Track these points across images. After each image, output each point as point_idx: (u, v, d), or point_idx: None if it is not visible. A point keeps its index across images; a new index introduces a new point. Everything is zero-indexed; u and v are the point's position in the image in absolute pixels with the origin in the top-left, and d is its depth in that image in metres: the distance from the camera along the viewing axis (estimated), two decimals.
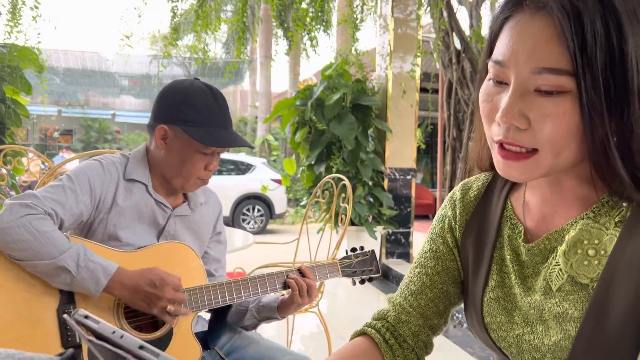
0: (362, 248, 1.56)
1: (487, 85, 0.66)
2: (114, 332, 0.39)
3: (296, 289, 1.39)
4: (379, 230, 5.37)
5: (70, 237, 1.25)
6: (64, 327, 1.20)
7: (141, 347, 0.37)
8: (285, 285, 1.40)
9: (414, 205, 5.76)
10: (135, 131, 21.00)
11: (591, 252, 0.66)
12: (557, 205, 0.71)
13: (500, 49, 0.63)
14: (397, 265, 5.36)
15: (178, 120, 1.32)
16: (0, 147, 2.84)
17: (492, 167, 0.69)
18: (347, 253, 1.54)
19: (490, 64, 0.65)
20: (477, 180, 0.85)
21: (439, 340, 3.66)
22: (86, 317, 0.43)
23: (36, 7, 4.46)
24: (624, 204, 0.66)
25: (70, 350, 0.42)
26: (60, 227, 1.25)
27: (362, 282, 1.54)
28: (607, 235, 0.65)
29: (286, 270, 1.41)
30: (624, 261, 0.63)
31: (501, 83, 0.64)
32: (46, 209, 1.20)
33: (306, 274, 1.43)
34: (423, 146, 6.44)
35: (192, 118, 1.32)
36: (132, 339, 0.38)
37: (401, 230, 5.66)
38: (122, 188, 1.34)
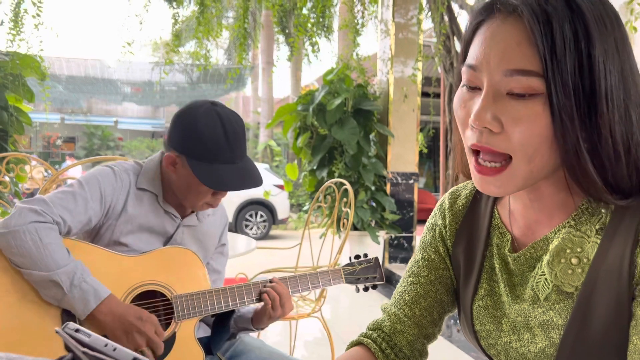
0: (365, 255, 1.56)
1: (460, 91, 0.67)
2: (106, 345, 0.39)
3: (269, 303, 1.35)
4: (382, 234, 5.36)
5: (75, 242, 1.24)
6: None
7: (135, 359, 0.37)
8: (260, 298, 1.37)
9: (417, 210, 5.75)
10: (137, 138, 21.06)
11: (574, 260, 0.66)
12: (539, 213, 0.72)
13: (473, 54, 0.64)
14: (400, 269, 5.34)
15: (185, 152, 1.31)
16: (3, 155, 2.85)
17: None
18: (350, 260, 1.53)
19: (463, 69, 0.66)
20: (465, 188, 0.86)
21: (442, 345, 3.65)
22: (77, 330, 0.42)
23: (38, 15, 4.48)
24: (603, 210, 0.66)
25: (69, 355, 0.41)
26: (68, 233, 1.25)
27: (366, 289, 1.53)
28: (589, 242, 0.66)
29: (262, 281, 1.39)
30: (604, 268, 0.63)
31: (474, 89, 0.65)
32: (54, 217, 1.21)
33: (280, 285, 1.38)
34: (425, 150, 6.43)
35: (198, 152, 1.29)
36: (124, 351, 0.38)
37: (404, 234, 5.65)
38: (132, 196, 1.34)
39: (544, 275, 0.69)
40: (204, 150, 1.29)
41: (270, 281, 1.39)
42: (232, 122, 1.33)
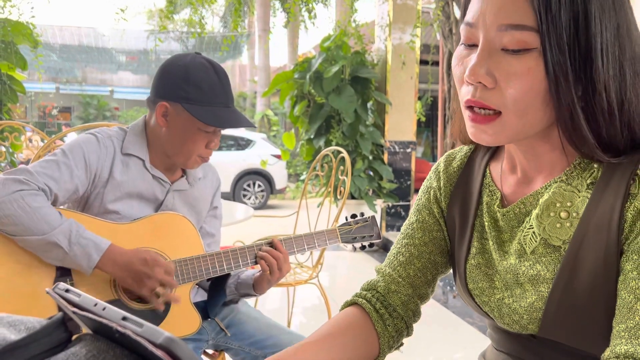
0: (362, 214, 1.56)
1: (458, 49, 0.68)
2: (95, 305, 0.38)
3: (266, 269, 1.35)
4: (379, 203, 5.38)
5: (64, 211, 1.24)
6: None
7: (124, 319, 0.36)
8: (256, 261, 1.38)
9: (414, 179, 5.76)
10: (133, 107, 20.89)
11: (563, 214, 0.67)
12: (533, 172, 0.73)
13: (471, 12, 0.65)
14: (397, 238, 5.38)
15: (179, 98, 1.30)
16: None
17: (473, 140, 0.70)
18: (346, 219, 1.53)
19: (462, 27, 0.67)
20: (460, 151, 0.87)
21: (439, 310, 3.71)
22: (67, 290, 0.42)
23: None
24: (595, 166, 0.67)
25: (60, 314, 0.41)
26: (55, 203, 1.24)
27: (363, 247, 1.54)
28: (579, 197, 0.67)
29: (257, 245, 1.39)
30: (594, 222, 0.64)
31: (472, 46, 0.65)
32: (39, 184, 1.19)
33: (277, 247, 1.39)
34: (423, 119, 6.40)
35: (194, 96, 1.29)
36: (114, 310, 0.37)
37: (401, 203, 5.67)
38: (118, 162, 1.33)
39: (532, 228, 0.70)
40: (200, 93, 1.30)
41: (268, 244, 1.39)
42: (221, 69, 1.36)
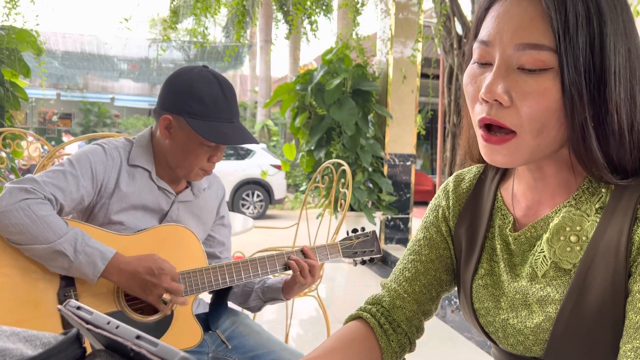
0: (363, 229, 1.57)
1: (471, 68, 0.68)
2: (108, 323, 0.38)
3: (297, 270, 1.38)
4: (378, 216, 5.38)
5: (69, 221, 1.25)
6: None
7: (138, 337, 0.36)
8: (286, 267, 1.41)
9: (414, 192, 5.76)
10: (134, 115, 20.93)
11: (573, 238, 0.68)
12: (542, 193, 0.74)
13: (486, 30, 0.66)
14: (396, 250, 5.37)
15: (183, 112, 1.30)
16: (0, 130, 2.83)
17: (481, 158, 0.71)
18: (348, 234, 1.54)
19: (475, 46, 0.67)
20: (470, 172, 0.87)
21: (437, 325, 3.69)
22: (78, 307, 0.42)
23: None
24: (603, 190, 0.68)
25: (75, 329, 0.42)
26: (60, 212, 1.25)
27: (363, 262, 1.55)
28: (588, 221, 0.67)
29: (287, 252, 1.42)
30: (602, 245, 0.65)
31: (485, 64, 0.66)
32: (46, 193, 1.20)
33: (308, 255, 1.43)
34: (423, 132, 6.42)
35: (197, 110, 1.30)
36: (128, 329, 0.37)
37: (400, 216, 5.67)
38: (125, 173, 1.34)
39: (543, 252, 0.70)
40: (203, 108, 1.30)
41: (300, 251, 1.44)
42: (227, 83, 1.36)
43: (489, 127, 0.66)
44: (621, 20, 0.63)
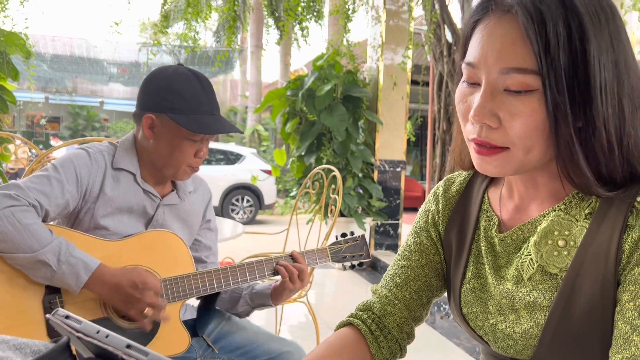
0: (352, 233, 1.56)
1: (461, 86, 0.69)
2: (98, 332, 0.38)
3: (286, 276, 1.38)
4: (368, 221, 5.39)
5: (54, 227, 1.23)
6: None
7: (129, 346, 0.36)
8: (275, 272, 1.40)
9: (403, 198, 5.78)
10: (123, 119, 20.81)
11: (561, 242, 0.68)
12: (532, 199, 0.74)
13: (472, 52, 0.66)
14: (385, 256, 5.38)
15: (164, 108, 1.30)
16: None
17: (472, 165, 0.71)
18: (337, 238, 1.54)
19: (463, 66, 0.68)
20: (460, 175, 0.88)
21: (426, 331, 3.69)
22: (67, 317, 0.42)
23: None
24: (593, 196, 0.68)
25: (66, 337, 0.41)
26: (45, 218, 1.23)
27: (352, 267, 1.55)
28: (577, 226, 0.68)
29: (275, 257, 1.41)
30: (592, 252, 0.65)
31: (474, 84, 0.67)
32: (30, 200, 1.18)
33: (297, 259, 1.42)
34: (413, 139, 6.45)
35: (179, 105, 1.30)
36: (118, 338, 0.37)
37: (390, 222, 5.68)
38: (109, 177, 1.32)
39: (530, 255, 0.71)
40: (184, 103, 1.31)
41: (290, 255, 1.43)
42: (204, 78, 1.37)
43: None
44: (607, 32, 0.62)
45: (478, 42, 0.66)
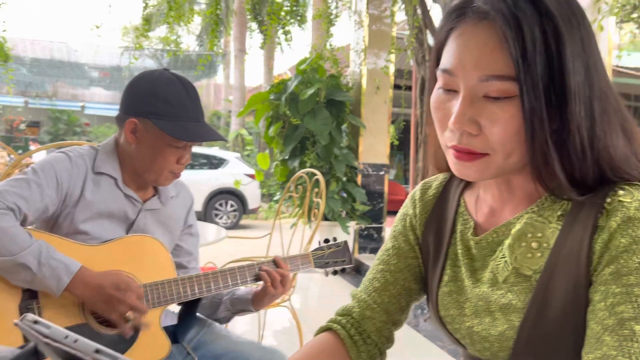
0: (335, 239, 1.56)
1: (437, 93, 0.69)
2: (66, 337, 0.38)
3: (268, 281, 1.37)
4: (352, 225, 5.39)
5: (33, 231, 1.21)
6: None
7: (97, 351, 0.35)
8: (257, 278, 1.39)
9: (387, 201, 5.81)
10: (105, 124, 20.59)
11: (534, 244, 0.68)
12: (507, 202, 0.75)
13: (448, 58, 0.66)
14: (369, 260, 5.39)
15: (148, 113, 1.29)
16: None
17: (448, 167, 0.72)
18: (320, 244, 1.54)
19: (439, 73, 0.68)
20: (436, 179, 0.88)
21: (410, 334, 3.69)
22: (35, 322, 0.41)
23: None
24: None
25: (32, 344, 0.40)
26: (24, 222, 1.21)
27: (335, 272, 1.54)
28: (550, 228, 0.68)
29: (258, 263, 1.40)
30: (564, 253, 0.66)
31: (450, 91, 0.67)
32: (8, 203, 1.16)
33: (279, 264, 1.42)
34: (396, 142, 6.50)
35: (163, 111, 1.28)
36: (86, 343, 0.36)
37: (374, 225, 5.70)
38: (90, 181, 1.31)
39: (504, 258, 0.71)
40: (169, 108, 1.29)
41: (272, 261, 1.42)
42: (190, 83, 1.35)
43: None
44: (579, 37, 0.63)
45: (454, 48, 0.65)
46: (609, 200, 0.64)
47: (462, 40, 0.64)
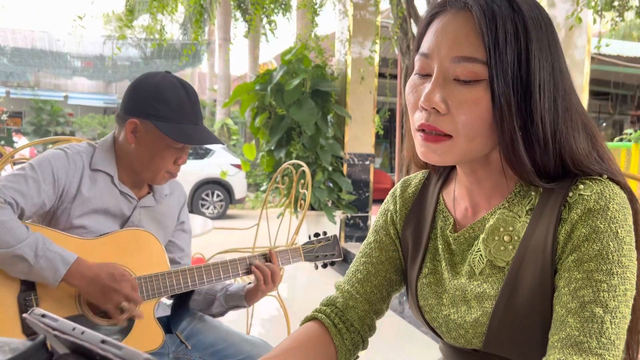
0: (325, 233, 1.60)
1: (412, 78, 0.75)
2: (74, 329, 0.40)
3: (261, 278, 1.42)
4: (338, 214, 5.45)
5: (30, 225, 1.24)
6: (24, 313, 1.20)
7: (103, 342, 0.38)
8: (248, 271, 1.43)
9: (373, 190, 5.87)
10: (88, 114, 20.33)
11: (506, 238, 0.74)
12: (479, 197, 0.80)
13: (426, 43, 0.72)
14: (355, 248, 5.46)
15: (150, 115, 1.32)
16: None
17: (425, 164, 0.76)
18: (309, 238, 1.58)
19: (416, 58, 0.74)
20: (415, 178, 0.94)
21: (395, 320, 3.76)
22: (43, 315, 0.44)
23: None
24: (533, 193, 0.75)
25: (42, 335, 0.44)
26: (21, 216, 1.24)
27: (325, 266, 1.59)
28: (519, 222, 0.74)
29: (249, 256, 1.44)
30: (532, 244, 0.72)
31: (425, 76, 0.72)
32: (6, 197, 1.20)
33: (272, 259, 1.46)
34: (382, 132, 6.54)
35: (164, 113, 1.32)
36: (93, 334, 0.39)
37: (360, 214, 5.76)
38: (87, 178, 1.34)
39: (480, 251, 0.77)
40: (170, 111, 1.33)
41: (263, 256, 1.46)
42: (191, 87, 1.40)
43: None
44: (546, 39, 0.70)
45: (433, 34, 0.71)
46: (570, 194, 0.70)
47: (441, 27, 0.71)
